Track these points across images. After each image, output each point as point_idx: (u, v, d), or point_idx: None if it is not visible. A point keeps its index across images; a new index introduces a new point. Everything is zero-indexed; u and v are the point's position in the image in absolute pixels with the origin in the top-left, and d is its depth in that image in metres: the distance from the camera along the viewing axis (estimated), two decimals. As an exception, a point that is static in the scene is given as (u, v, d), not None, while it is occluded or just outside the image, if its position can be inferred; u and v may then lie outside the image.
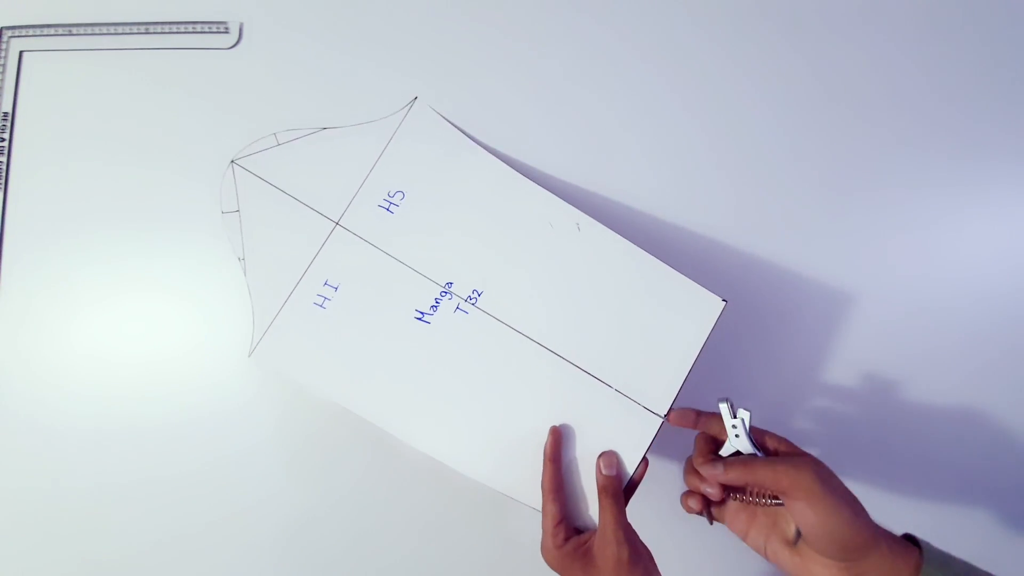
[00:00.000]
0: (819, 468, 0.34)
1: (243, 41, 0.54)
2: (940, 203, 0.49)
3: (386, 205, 0.48)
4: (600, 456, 0.40)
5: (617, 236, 0.45)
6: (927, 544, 0.34)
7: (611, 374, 0.44)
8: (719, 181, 0.50)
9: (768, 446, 0.38)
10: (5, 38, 0.55)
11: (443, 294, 0.46)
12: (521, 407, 0.44)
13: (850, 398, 0.47)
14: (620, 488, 0.39)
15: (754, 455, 0.37)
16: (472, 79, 0.53)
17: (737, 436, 0.37)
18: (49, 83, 0.55)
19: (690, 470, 0.39)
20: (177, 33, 0.54)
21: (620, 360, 0.44)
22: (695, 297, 0.43)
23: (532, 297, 0.46)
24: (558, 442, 0.41)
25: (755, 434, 0.37)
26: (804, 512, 0.33)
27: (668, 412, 0.41)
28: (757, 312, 0.48)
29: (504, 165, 0.48)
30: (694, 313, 0.43)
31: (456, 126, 0.49)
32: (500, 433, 0.44)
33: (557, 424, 0.42)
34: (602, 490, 0.39)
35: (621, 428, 0.43)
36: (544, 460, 0.41)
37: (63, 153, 0.54)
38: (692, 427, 0.40)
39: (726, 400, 0.39)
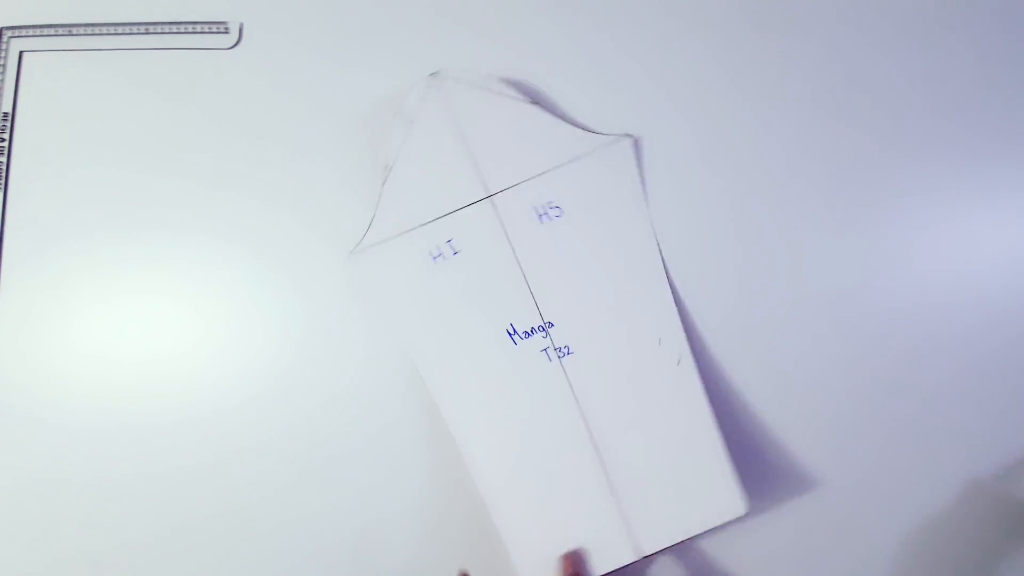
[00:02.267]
0: None
1: (243, 41, 0.54)
2: (940, 205, 0.49)
3: (541, 212, 0.47)
4: (564, 556, 0.42)
5: (700, 390, 0.45)
6: None
7: (622, 493, 0.45)
8: (718, 183, 0.50)
9: None
10: (5, 38, 0.55)
11: (540, 328, 0.46)
12: (536, 470, 0.46)
13: (850, 399, 0.47)
14: None
15: None
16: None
17: None
18: (49, 83, 0.55)
19: None
20: (177, 33, 0.54)
21: (636, 488, 0.45)
22: (724, 489, 0.44)
23: (608, 388, 0.46)
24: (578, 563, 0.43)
25: None
26: None
27: (645, 557, 0.43)
28: (757, 313, 0.48)
29: (656, 251, 0.47)
30: (713, 501, 0.44)
31: (643, 182, 0.48)
32: (517, 481, 0.46)
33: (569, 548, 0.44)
34: None
35: (599, 541, 0.44)
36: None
37: (63, 153, 0.54)
38: None
39: None
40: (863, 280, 0.48)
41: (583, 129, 0.48)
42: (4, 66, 0.55)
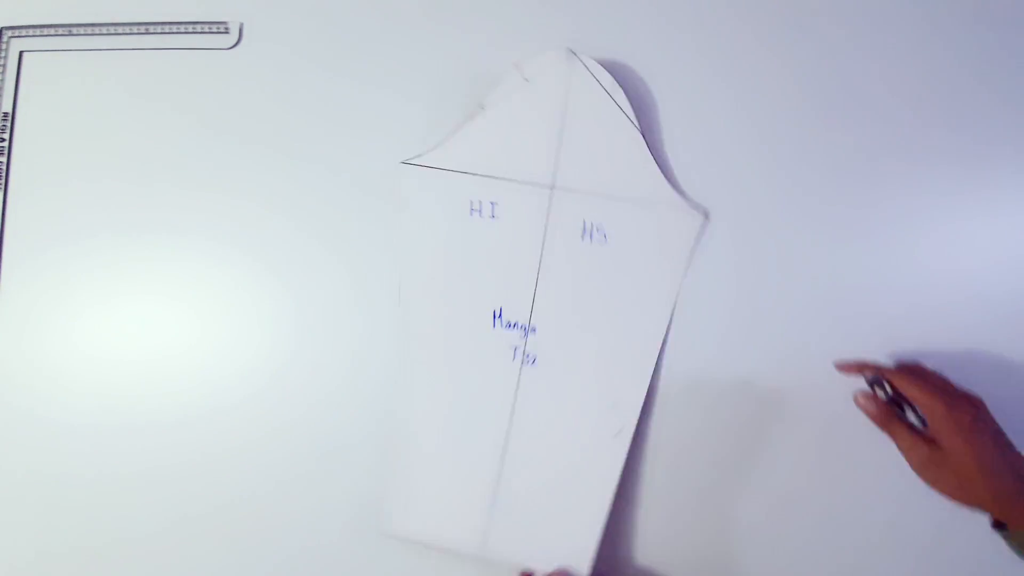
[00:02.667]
0: (925, 454, 0.38)
1: (243, 41, 0.54)
2: (941, 205, 0.49)
3: (588, 228, 0.46)
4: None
5: (619, 466, 0.45)
6: None
7: (500, 503, 0.46)
8: (716, 185, 0.50)
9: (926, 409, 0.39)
10: (5, 38, 0.55)
11: (523, 328, 0.46)
12: (446, 440, 0.47)
13: (848, 399, 0.47)
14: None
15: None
16: (469, 79, 0.53)
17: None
18: (49, 83, 0.55)
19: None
20: (177, 33, 0.54)
21: (513, 505, 0.46)
22: (580, 549, 0.45)
23: (545, 415, 0.47)
24: None
25: (898, 384, 0.41)
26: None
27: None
28: (756, 315, 0.48)
29: (666, 324, 0.46)
30: (565, 552, 0.45)
31: (691, 259, 0.46)
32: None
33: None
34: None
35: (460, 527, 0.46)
36: None
37: (63, 153, 0.54)
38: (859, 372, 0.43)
39: (867, 377, 0.42)
40: (863, 283, 0.48)
41: (668, 181, 0.46)
42: (4, 66, 0.55)
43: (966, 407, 0.38)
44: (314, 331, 0.52)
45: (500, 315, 0.46)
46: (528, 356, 0.46)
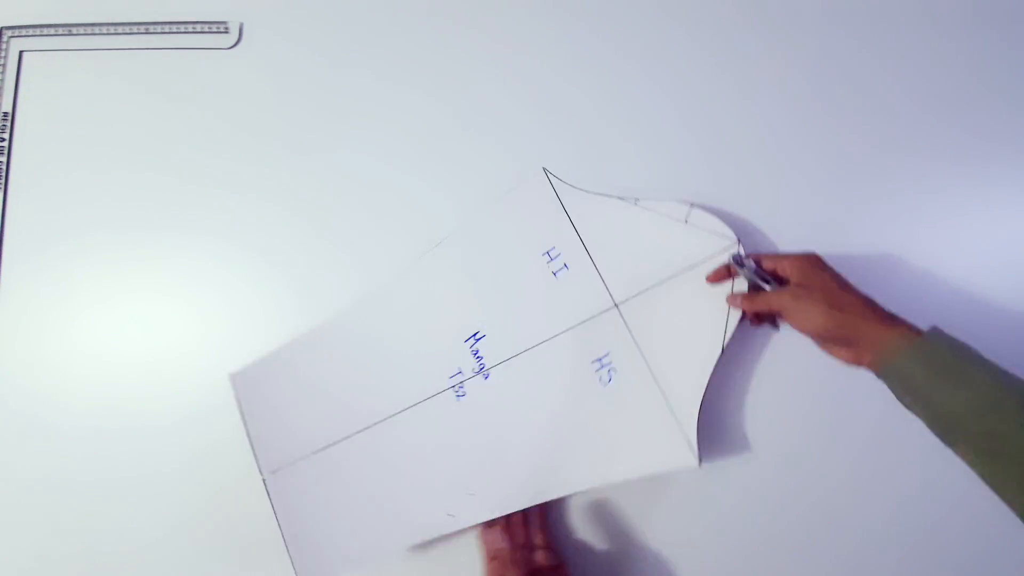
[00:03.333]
0: (795, 290, 0.41)
1: (243, 41, 0.54)
2: (939, 205, 0.49)
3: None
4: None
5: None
6: (933, 329, 0.38)
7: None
8: (716, 185, 0.50)
9: (777, 272, 0.43)
10: (5, 38, 0.55)
11: (480, 361, 0.47)
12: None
13: (850, 397, 0.47)
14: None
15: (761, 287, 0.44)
16: (468, 81, 0.53)
17: (748, 279, 0.44)
18: (49, 83, 0.55)
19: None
20: (177, 33, 0.54)
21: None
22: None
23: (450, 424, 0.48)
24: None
25: (760, 260, 0.44)
26: (792, 324, 0.42)
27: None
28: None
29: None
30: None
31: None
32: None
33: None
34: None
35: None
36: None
37: (63, 152, 0.54)
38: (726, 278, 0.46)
39: (734, 256, 0.44)
40: (866, 282, 0.48)
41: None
42: (4, 66, 0.55)
43: (807, 255, 0.43)
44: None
45: (478, 338, 0.48)
46: (481, 370, 0.47)
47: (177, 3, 0.55)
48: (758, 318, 0.47)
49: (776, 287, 0.43)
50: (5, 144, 0.54)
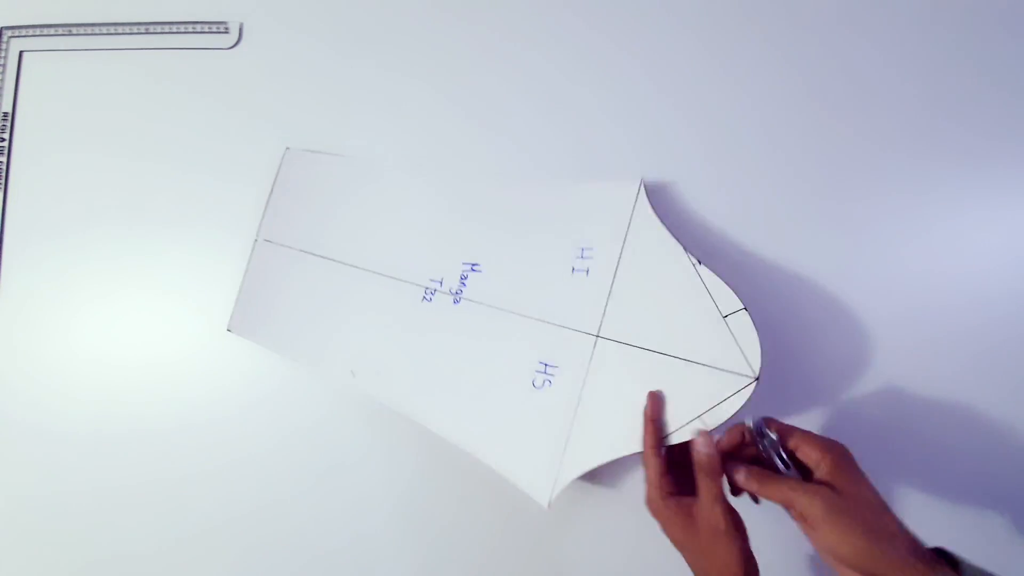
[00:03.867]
0: (832, 497, 0.34)
1: (243, 41, 0.54)
2: (940, 204, 0.49)
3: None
4: (697, 436, 0.40)
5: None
6: (967, 565, 0.33)
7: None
8: (716, 185, 0.50)
9: (797, 454, 0.38)
10: (5, 38, 0.55)
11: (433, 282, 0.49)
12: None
13: (847, 399, 0.47)
14: (717, 465, 0.39)
15: (775, 470, 0.38)
16: (468, 77, 0.53)
17: (764, 452, 0.38)
18: (49, 83, 0.55)
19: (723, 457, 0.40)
20: (177, 33, 0.54)
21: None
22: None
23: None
24: (657, 403, 0.42)
25: (785, 435, 0.38)
26: (815, 538, 0.34)
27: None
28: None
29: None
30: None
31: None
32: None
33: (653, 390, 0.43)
34: (699, 467, 0.39)
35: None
36: (645, 420, 0.42)
37: (63, 153, 0.54)
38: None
39: (753, 420, 0.39)
40: (866, 280, 0.48)
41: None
42: (4, 66, 0.55)
43: (841, 446, 0.37)
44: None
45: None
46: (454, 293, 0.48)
47: (177, 3, 0.55)
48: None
49: (793, 472, 0.37)
50: (5, 144, 0.54)
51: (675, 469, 0.41)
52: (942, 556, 0.34)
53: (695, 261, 0.43)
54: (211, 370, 0.52)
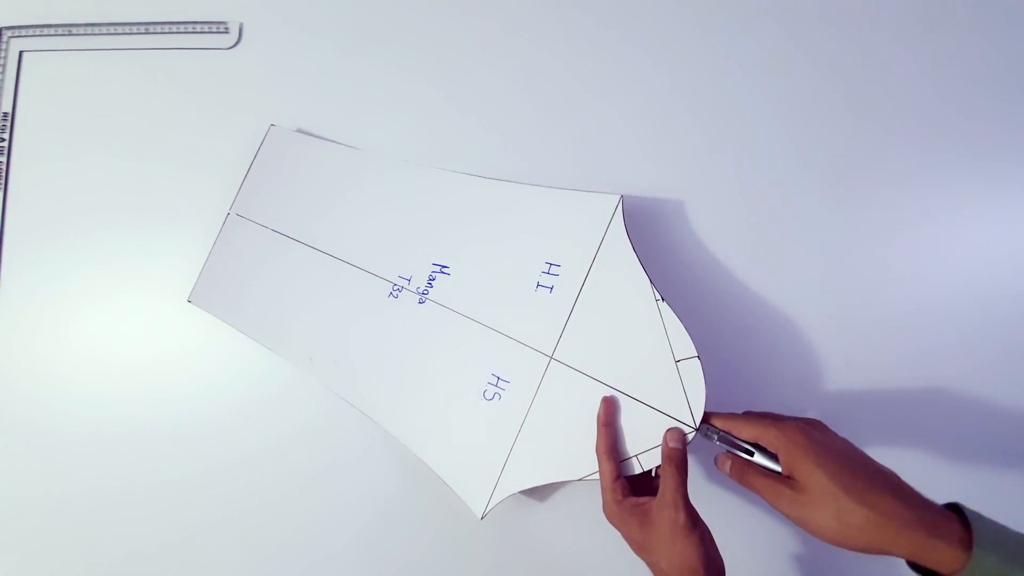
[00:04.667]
0: (794, 498, 0.35)
1: (243, 41, 0.54)
2: (939, 202, 0.49)
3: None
4: (668, 430, 0.41)
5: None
6: (977, 518, 0.32)
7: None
8: (717, 180, 0.50)
9: (761, 443, 0.38)
10: (5, 38, 0.55)
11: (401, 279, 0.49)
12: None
13: (846, 398, 0.47)
14: (685, 459, 0.40)
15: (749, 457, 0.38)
16: (470, 76, 0.53)
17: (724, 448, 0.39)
18: (49, 83, 0.55)
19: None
20: (177, 33, 0.54)
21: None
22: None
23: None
24: (611, 408, 0.42)
25: (734, 429, 0.39)
26: (811, 525, 0.34)
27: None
28: (753, 311, 0.48)
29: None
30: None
31: None
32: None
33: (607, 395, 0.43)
34: (667, 459, 0.40)
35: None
36: (598, 425, 0.42)
37: (63, 153, 0.54)
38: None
39: (700, 432, 0.40)
40: (868, 279, 0.48)
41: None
42: (4, 66, 0.55)
43: (798, 425, 0.36)
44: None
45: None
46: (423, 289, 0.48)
47: (177, 3, 0.55)
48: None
49: (766, 457, 0.37)
50: (5, 144, 0.54)
51: (628, 477, 0.41)
52: (953, 511, 0.33)
53: (658, 297, 0.42)
54: (211, 370, 0.52)
